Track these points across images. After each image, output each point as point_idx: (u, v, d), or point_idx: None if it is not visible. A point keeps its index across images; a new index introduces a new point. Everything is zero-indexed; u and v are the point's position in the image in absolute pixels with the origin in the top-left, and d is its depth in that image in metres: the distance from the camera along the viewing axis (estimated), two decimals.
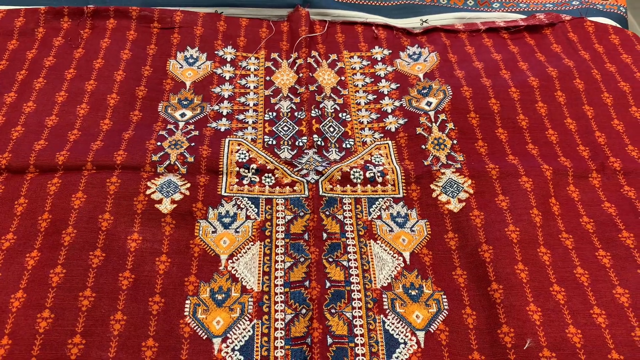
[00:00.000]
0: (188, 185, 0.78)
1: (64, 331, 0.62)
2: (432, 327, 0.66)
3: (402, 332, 0.66)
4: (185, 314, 0.66)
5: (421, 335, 0.66)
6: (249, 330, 0.65)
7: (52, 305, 0.64)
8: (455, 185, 0.80)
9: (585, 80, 0.95)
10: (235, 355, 0.63)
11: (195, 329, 0.65)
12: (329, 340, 0.64)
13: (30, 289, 0.66)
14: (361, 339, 0.65)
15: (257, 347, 0.64)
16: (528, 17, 1.09)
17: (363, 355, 0.63)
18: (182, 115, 0.88)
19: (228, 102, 0.92)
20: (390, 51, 1.03)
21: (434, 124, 0.88)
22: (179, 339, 0.64)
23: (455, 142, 0.86)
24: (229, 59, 0.99)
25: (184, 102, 0.91)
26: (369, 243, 0.74)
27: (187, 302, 0.67)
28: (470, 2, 1.14)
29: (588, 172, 0.82)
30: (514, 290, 0.68)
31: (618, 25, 1.09)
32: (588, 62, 0.98)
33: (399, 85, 0.96)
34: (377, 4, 1.12)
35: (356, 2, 1.12)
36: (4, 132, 0.82)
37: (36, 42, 0.97)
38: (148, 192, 0.76)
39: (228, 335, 0.65)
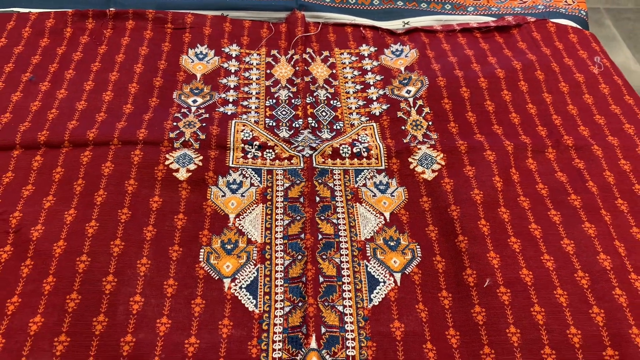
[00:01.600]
0: (201, 157, 0.91)
1: (99, 272, 0.75)
2: (407, 270, 0.79)
3: (382, 274, 0.78)
4: (200, 260, 0.79)
5: (398, 276, 0.78)
6: (253, 273, 0.78)
7: (89, 251, 0.77)
8: (430, 158, 0.93)
9: (545, 72, 1.09)
10: (243, 292, 0.76)
11: (208, 271, 0.78)
12: (321, 279, 0.77)
13: (70, 239, 0.78)
14: (347, 279, 0.77)
15: (260, 285, 0.77)
16: (498, 19, 1.23)
17: (349, 291, 0.76)
18: (194, 101, 1.02)
19: (234, 91, 1.05)
20: (376, 48, 1.17)
21: (412, 109, 1.02)
22: (195, 279, 0.76)
23: (430, 123, 0.99)
24: (234, 55, 1.13)
25: (195, 91, 1.04)
26: (355, 205, 0.87)
27: (202, 250, 0.80)
28: (447, 7, 1.28)
29: (545, 148, 0.95)
30: (476, 241, 0.81)
31: (578, 26, 1.23)
32: (548, 57, 1.13)
33: (383, 77, 1.10)
34: (365, 8, 1.27)
35: (346, 7, 1.26)
36: (42, 115, 0.95)
37: (65, 40, 1.11)
38: (167, 162, 0.89)
39: (236, 276, 0.77)
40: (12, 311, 0.71)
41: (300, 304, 0.74)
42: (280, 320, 0.73)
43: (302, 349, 0.69)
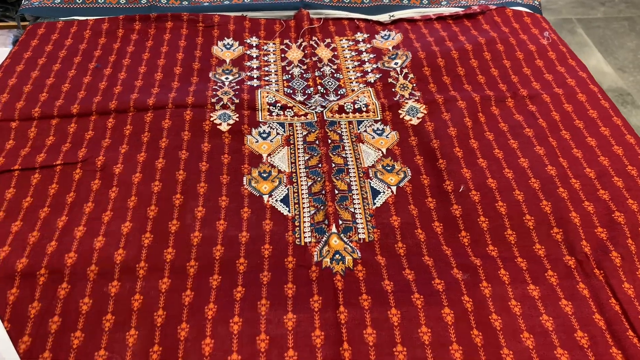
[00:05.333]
0: (237, 115, 1.17)
1: (169, 191, 0.99)
2: (401, 184, 1.04)
3: (382, 187, 1.03)
4: (244, 184, 1.04)
5: (394, 188, 1.03)
6: (285, 191, 1.03)
7: (159, 178, 1.02)
8: (415, 109, 1.19)
9: (504, 45, 1.36)
10: (278, 203, 1.00)
11: (251, 191, 1.02)
12: (336, 192, 1.01)
13: (143, 171, 1.03)
14: (356, 191, 1.02)
15: (291, 199, 1.01)
16: (466, 9, 1.52)
17: (358, 199, 1.01)
18: (227, 78, 1.28)
19: (257, 71, 1.32)
20: (368, 35, 1.44)
21: (400, 75, 1.28)
22: (241, 196, 1.01)
23: (414, 85, 1.26)
24: (254, 45, 1.41)
25: (227, 71, 1.31)
26: (359, 145, 1.13)
27: (244, 178, 1.05)
28: (425, 1, 1.57)
29: (505, 98, 1.22)
30: (452, 161, 1.06)
31: (531, 11, 1.51)
32: (507, 34, 1.40)
33: (375, 55, 1.37)
34: (357, 5, 1.55)
35: (342, 5, 1.54)
36: (109, 90, 1.21)
37: (119, 38, 1.38)
38: (211, 119, 1.15)
39: (272, 194, 1.02)
40: (107, 221, 0.95)
41: (322, 207, 0.98)
42: (308, 218, 0.97)
43: (325, 233, 0.93)
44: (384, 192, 1.02)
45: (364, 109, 1.20)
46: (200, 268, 0.88)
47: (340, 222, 0.96)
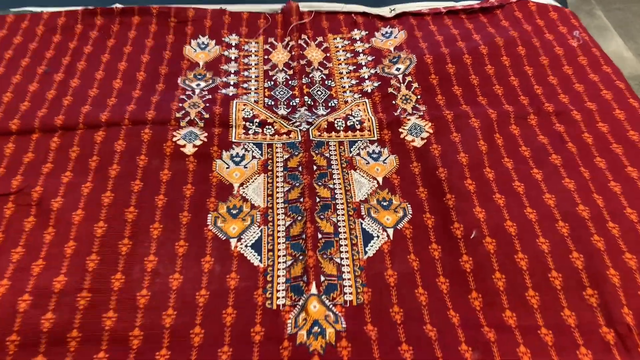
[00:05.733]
0: (205, 134, 0.98)
1: (115, 236, 0.81)
2: (399, 225, 0.85)
3: (376, 229, 0.85)
4: (208, 223, 0.85)
5: (390, 231, 0.84)
6: (257, 233, 0.84)
7: (105, 217, 0.84)
8: (419, 127, 1.00)
9: (527, 47, 1.15)
10: (248, 250, 0.82)
11: (216, 233, 0.84)
12: (319, 236, 0.83)
13: (87, 207, 0.85)
14: (344, 235, 0.84)
15: (264, 243, 0.83)
16: (482, 1, 1.30)
17: (345, 245, 0.82)
18: (198, 85, 1.09)
19: (234, 75, 1.13)
20: (367, 32, 1.24)
21: (402, 85, 1.08)
22: (204, 241, 0.83)
23: (419, 97, 1.06)
24: (233, 44, 1.21)
25: (199, 76, 1.12)
26: (350, 172, 0.94)
27: (209, 215, 0.86)
28: None
29: (527, 115, 1.02)
30: (463, 197, 0.87)
31: (558, 5, 1.30)
32: (529, 33, 1.19)
33: (373, 57, 1.17)
34: None
35: None
36: (57, 101, 1.03)
37: (76, 35, 1.19)
38: (174, 139, 0.96)
39: (242, 236, 0.84)
40: (38, 272, 0.78)
41: (301, 257, 0.80)
42: (283, 272, 0.79)
43: (304, 295, 0.75)
44: (378, 237, 0.84)
45: (358, 127, 1.00)
46: (146, 339, 0.71)
47: (323, 278, 0.78)
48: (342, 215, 0.86)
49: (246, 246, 0.82)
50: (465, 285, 0.78)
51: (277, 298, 0.76)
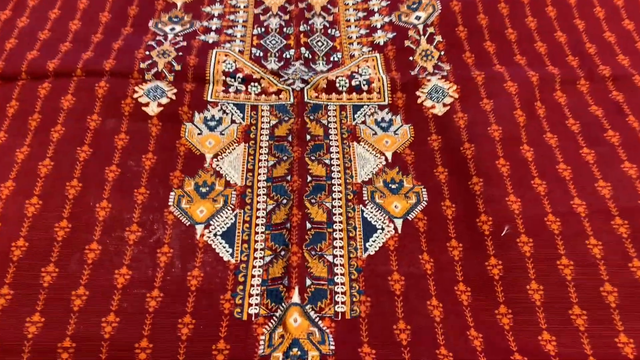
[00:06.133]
0: (175, 90, 0.79)
1: (51, 216, 0.65)
2: (410, 215, 0.67)
3: (380, 220, 0.67)
4: (170, 203, 0.68)
5: (399, 222, 0.67)
6: (231, 219, 0.67)
7: (40, 193, 0.66)
8: (441, 90, 0.80)
9: None
10: (217, 240, 0.65)
11: (178, 216, 0.67)
12: (308, 225, 0.65)
13: (20, 179, 0.68)
14: (339, 225, 0.66)
15: (238, 232, 0.66)
16: None
17: (341, 239, 0.65)
18: (172, 29, 0.90)
19: (217, 19, 0.93)
20: None
21: (422, 37, 0.88)
22: (162, 225, 0.66)
23: (442, 53, 0.86)
24: None
25: (175, 19, 0.92)
26: (352, 144, 0.75)
27: (172, 194, 0.69)
28: None
29: (576, 79, 0.82)
30: (494, 182, 0.69)
31: None
32: None
33: (389, 2, 0.96)
34: None
35: None
36: None
37: None
38: (135, 95, 0.78)
39: (211, 222, 0.66)
40: None
41: (282, 252, 0.63)
42: (259, 271, 0.62)
43: (283, 304, 0.58)
44: (382, 230, 0.66)
45: (365, 88, 0.81)
46: (78, 353, 0.56)
47: (309, 282, 0.60)
48: (339, 199, 0.68)
49: (215, 235, 0.65)
50: (492, 296, 0.61)
51: (250, 306, 0.59)
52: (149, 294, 0.60)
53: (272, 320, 0.58)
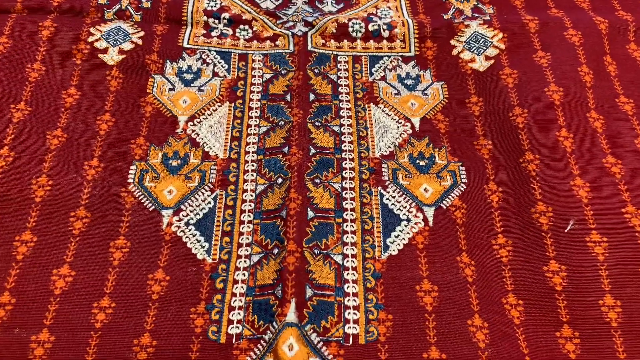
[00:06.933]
0: (142, 33, 0.65)
1: None
2: (444, 202, 0.53)
3: (406, 208, 0.52)
4: (130, 181, 0.53)
5: (430, 211, 0.53)
6: (209, 202, 0.52)
7: None
8: (482, 39, 0.66)
9: None
10: (190, 230, 0.50)
11: (140, 198, 0.52)
12: (310, 214, 0.51)
13: None
14: (351, 214, 0.52)
15: (218, 221, 0.51)
16: None
17: (353, 232, 0.50)
18: None
19: None
20: None
21: None
22: (119, 209, 0.51)
23: None
24: None
25: None
26: (369, 107, 0.61)
27: (133, 167, 0.54)
28: None
29: None
30: (554, 161, 0.58)
31: None
32: None
33: None
34: None
35: None
36: None
37: None
38: (90, 39, 0.64)
39: (182, 207, 0.51)
40: None
41: (276, 250, 0.48)
42: (244, 275, 0.47)
43: (274, 323, 0.43)
44: (408, 221, 0.51)
45: (386, 34, 0.65)
46: None
47: (310, 292, 0.46)
48: (351, 180, 0.53)
49: (187, 224, 0.51)
50: (553, 312, 0.49)
51: (230, 323, 0.45)
52: (97, 302, 0.46)
53: (259, 346, 0.43)
